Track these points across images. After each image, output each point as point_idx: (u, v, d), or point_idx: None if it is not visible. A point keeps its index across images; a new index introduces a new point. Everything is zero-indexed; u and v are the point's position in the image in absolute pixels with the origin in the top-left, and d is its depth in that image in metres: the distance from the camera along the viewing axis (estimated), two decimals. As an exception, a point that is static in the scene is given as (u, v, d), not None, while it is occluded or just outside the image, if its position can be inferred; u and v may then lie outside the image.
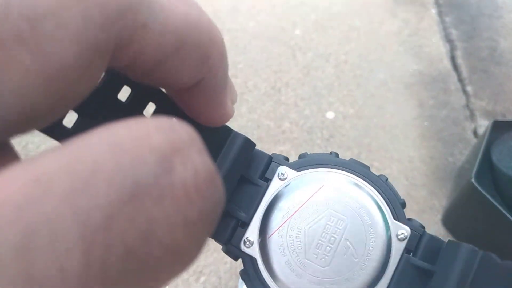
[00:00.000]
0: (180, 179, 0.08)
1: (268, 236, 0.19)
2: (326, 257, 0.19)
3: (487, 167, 0.83)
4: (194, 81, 0.13)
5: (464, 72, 1.28)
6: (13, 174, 0.07)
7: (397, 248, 0.19)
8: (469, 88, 1.24)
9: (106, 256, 0.07)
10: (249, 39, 1.36)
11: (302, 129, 1.14)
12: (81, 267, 0.07)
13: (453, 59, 1.33)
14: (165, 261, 0.07)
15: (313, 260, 0.19)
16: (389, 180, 0.21)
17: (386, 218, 0.19)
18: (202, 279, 0.89)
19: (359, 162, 0.21)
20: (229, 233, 0.19)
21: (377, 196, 0.20)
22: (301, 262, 0.19)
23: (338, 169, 0.20)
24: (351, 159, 0.21)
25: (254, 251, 0.19)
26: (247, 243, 0.19)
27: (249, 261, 0.19)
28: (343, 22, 1.42)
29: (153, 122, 0.08)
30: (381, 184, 0.20)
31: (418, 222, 0.20)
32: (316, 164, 0.21)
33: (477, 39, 1.37)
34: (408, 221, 0.20)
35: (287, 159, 0.21)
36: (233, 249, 0.19)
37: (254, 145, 0.20)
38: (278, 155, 0.21)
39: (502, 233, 0.77)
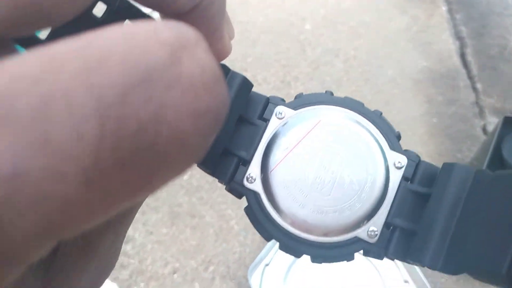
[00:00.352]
0: (188, 72, 0.08)
1: (269, 171, 0.19)
2: (327, 187, 0.19)
3: (497, 162, 0.84)
4: (191, 5, 0.13)
5: (474, 70, 1.28)
6: (26, 55, 0.07)
7: (395, 176, 0.19)
8: (478, 85, 1.24)
9: (120, 130, 0.07)
10: (258, 33, 1.36)
11: (311, 123, 1.14)
12: (97, 138, 0.07)
13: (462, 56, 1.32)
14: (172, 149, 0.08)
15: (315, 190, 0.19)
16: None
17: (383, 149, 0.20)
18: (211, 268, 0.89)
19: (354, 99, 0.21)
20: (231, 171, 0.19)
21: (373, 129, 0.20)
22: (303, 193, 0.19)
23: (334, 105, 0.21)
24: (346, 97, 0.21)
25: (257, 186, 0.19)
26: (250, 179, 0.20)
27: (252, 196, 0.20)
28: (352, 18, 1.42)
29: (162, 22, 0.08)
30: (376, 118, 0.20)
31: (414, 152, 0.20)
32: (313, 103, 0.21)
33: (487, 36, 1.37)
34: (404, 151, 0.20)
35: (283, 100, 0.21)
36: (236, 186, 0.20)
37: (252, 85, 0.20)
38: (274, 97, 0.21)
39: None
